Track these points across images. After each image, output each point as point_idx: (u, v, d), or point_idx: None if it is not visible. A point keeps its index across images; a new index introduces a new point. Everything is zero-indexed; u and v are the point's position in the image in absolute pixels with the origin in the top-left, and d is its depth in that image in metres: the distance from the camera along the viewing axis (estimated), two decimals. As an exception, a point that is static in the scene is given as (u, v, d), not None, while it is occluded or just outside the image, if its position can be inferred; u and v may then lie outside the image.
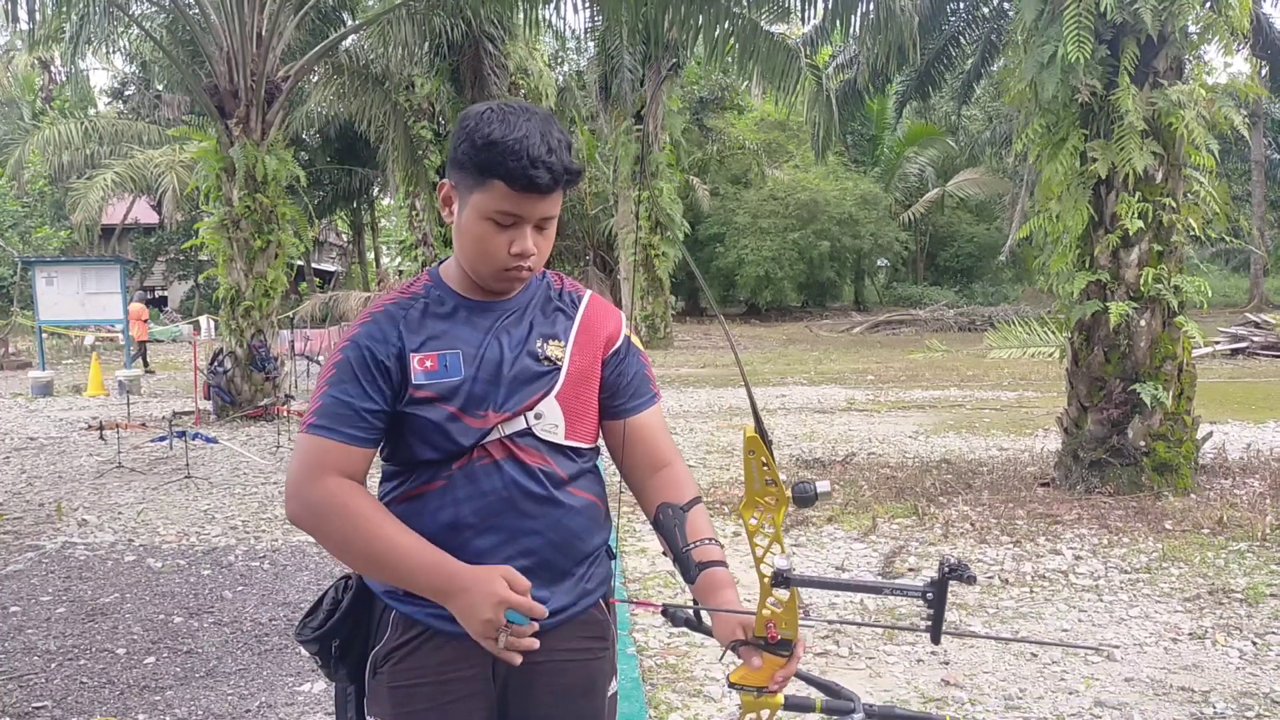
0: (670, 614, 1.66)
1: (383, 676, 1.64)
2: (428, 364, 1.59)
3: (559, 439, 1.64)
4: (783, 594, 1.46)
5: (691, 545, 1.61)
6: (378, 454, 1.66)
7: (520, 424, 1.61)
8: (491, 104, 1.60)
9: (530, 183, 1.53)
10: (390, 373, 1.58)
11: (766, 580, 1.45)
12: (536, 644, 1.49)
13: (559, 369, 1.65)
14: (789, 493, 1.44)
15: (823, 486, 1.46)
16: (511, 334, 1.64)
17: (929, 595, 1.45)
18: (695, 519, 1.65)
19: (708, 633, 1.61)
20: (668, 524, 1.63)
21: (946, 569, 1.41)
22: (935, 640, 1.46)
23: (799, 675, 1.55)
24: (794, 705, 1.52)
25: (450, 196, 1.63)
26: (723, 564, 1.61)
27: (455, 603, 1.49)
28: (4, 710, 3.72)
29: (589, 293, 1.77)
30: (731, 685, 1.51)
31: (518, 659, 1.49)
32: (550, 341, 1.66)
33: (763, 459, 1.42)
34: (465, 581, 1.49)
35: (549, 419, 1.63)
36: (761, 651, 1.49)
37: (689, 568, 1.59)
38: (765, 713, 1.51)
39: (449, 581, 1.50)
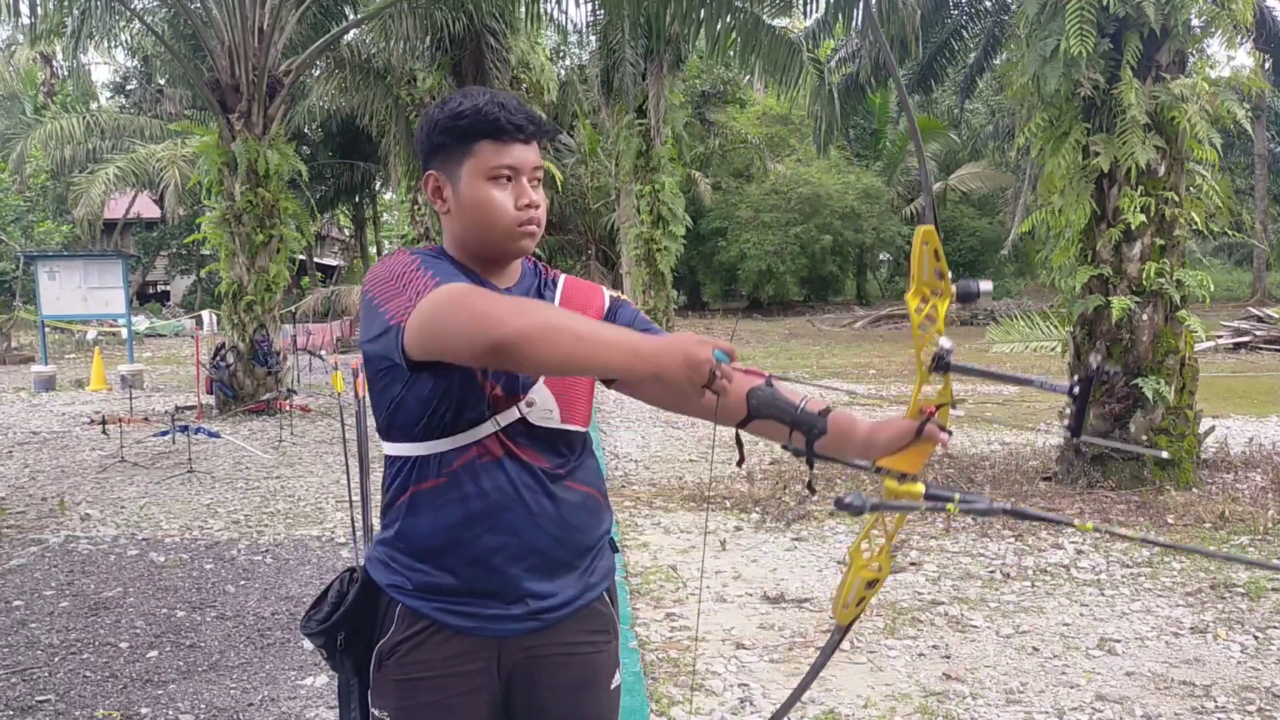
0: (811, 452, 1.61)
1: (388, 669, 1.64)
2: None
3: (555, 423, 1.64)
4: (938, 380, 1.51)
5: (800, 404, 1.59)
6: (382, 444, 1.67)
7: (514, 414, 1.61)
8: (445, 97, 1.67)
9: (514, 128, 1.60)
10: None
11: (924, 367, 1.50)
12: (730, 385, 1.47)
13: None
14: (954, 288, 1.49)
15: (985, 285, 1.50)
16: None
17: (1074, 391, 1.50)
18: (783, 388, 1.63)
19: (856, 464, 1.62)
20: (766, 400, 1.60)
21: (1093, 369, 1.48)
22: (1075, 435, 1.52)
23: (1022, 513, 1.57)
24: (933, 496, 1.56)
25: (440, 184, 1.65)
26: (831, 408, 1.61)
27: (670, 357, 1.44)
28: (7, 704, 3.73)
29: (564, 276, 1.78)
30: (877, 470, 1.56)
31: (729, 387, 1.47)
32: None
33: (935, 250, 1.45)
34: (672, 343, 1.46)
35: (541, 405, 1.63)
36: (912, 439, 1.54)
37: (811, 423, 1.57)
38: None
39: (655, 345, 1.46)
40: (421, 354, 1.49)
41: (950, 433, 1.58)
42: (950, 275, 1.47)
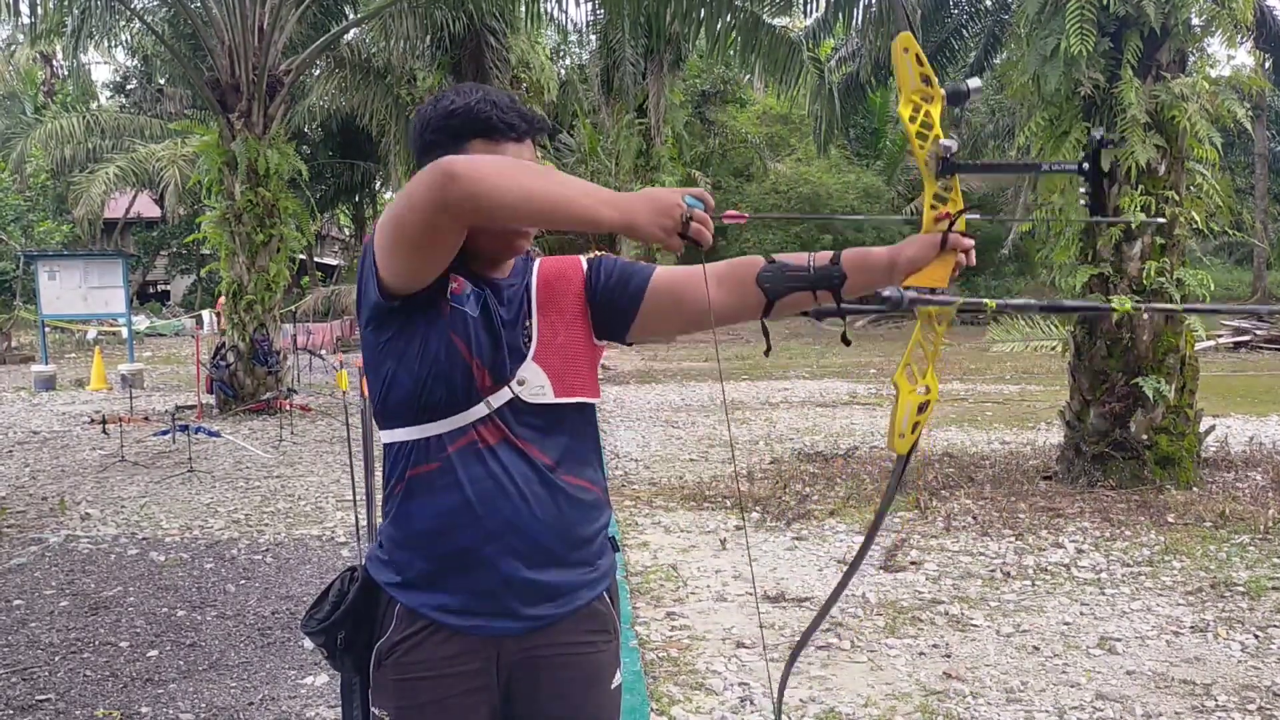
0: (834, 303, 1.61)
1: (387, 669, 1.64)
2: (454, 286, 1.60)
3: (549, 398, 1.63)
4: (945, 185, 1.50)
5: (810, 263, 1.59)
6: (379, 434, 1.67)
7: (506, 394, 1.61)
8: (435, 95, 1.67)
9: (506, 126, 1.59)
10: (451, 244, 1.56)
11: (930, 174, 1.48)
12: (710, 238, 1.48)
13: (531, 335, 1.65)
14: (943, 90, 1.48)
15: (974, 83, 1.51)
16: (508, 308, 1.65)
17: (1084, 167, 1.50)
18: (786, 257, 1.63)
19: (882, 298, 1.58)
20: (776, 276, 1.59)
21: (1096, 141, 1.46)
22: (1095, 211, 1.53)
23: None
24: (970, 300, 1.56)
25: None
26: (838, 253, 1.61)
27: (639, 208, 1.46)
28: (8, 703, 3.73)
29: (537, 259, 1.77)
30: (906, 288, 1.53)
31: (709, 237, 1.48)
32: (529, 318, 1.67)
33: (916, 56, 1.45)
34: (639, 195, 1.48)
35: (533, 382, 1.62)
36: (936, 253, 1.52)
37: (830, 275, 1.58)
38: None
39: (624, 197, 1.48)
40: (394, 260, 1.51)
41: (973, 238, 1.55)
42: (937, 79, 1.46)
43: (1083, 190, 1.57)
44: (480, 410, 1.59)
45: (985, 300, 1.55)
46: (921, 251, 1.56)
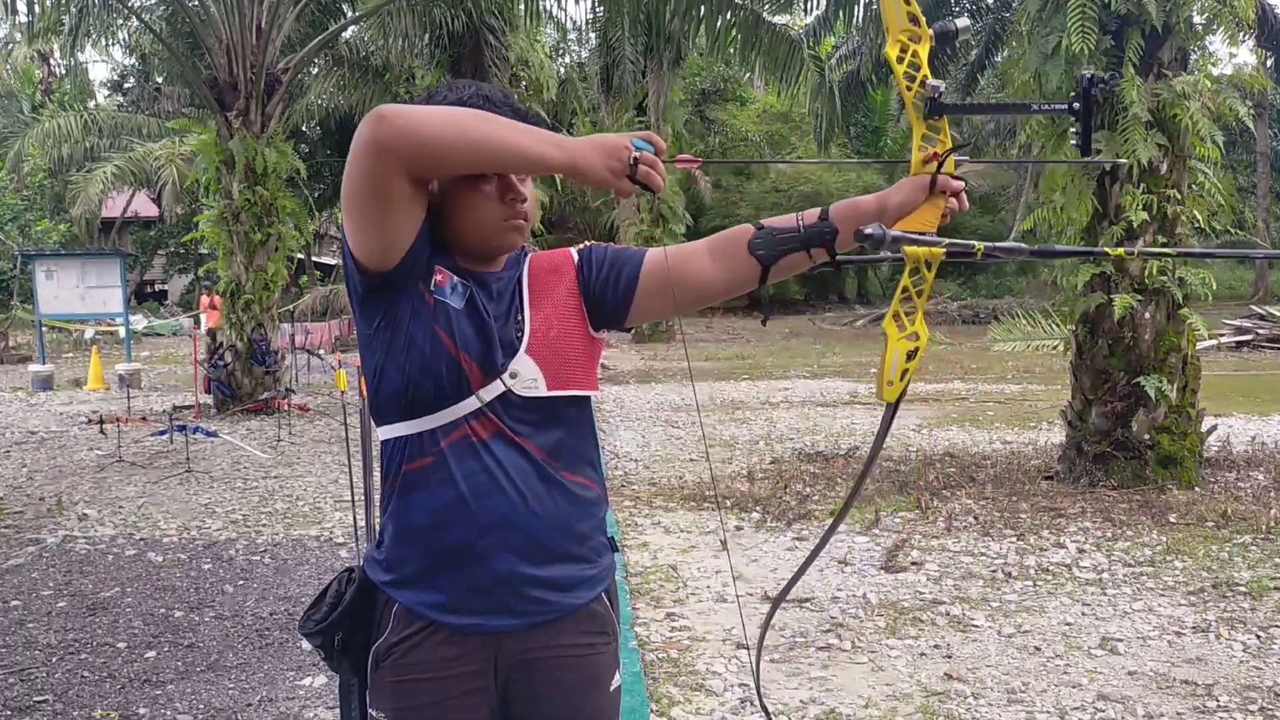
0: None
1: (384, 671, 1.63)
2: (438, 278, 1.59)
3: (541, 392, 1.61)
4: (935, 124, 1.48)
5: (799, 223, 1.58)
6: (376, 431, 1.65)
7: (498, 388, 1.58)
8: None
9: None
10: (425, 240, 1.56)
11: (918, 116, 1.46)
12: (662, 179, 1.49)
13: (524, 328, 1.63)
14: (931, 30, 1.47)
15: (963, 23, 1.49)
16: (498, 303, 1.63)
17: (1074, 106, 1.48)
18: (774, 220, 1.61)
19: (880, 242, 1.54)
20: (767, 240, 1.58)
21: (1087, 80, 1.44)
22: (1085, 153, 1.50)
23: None
24: (956, 254, 1.51)
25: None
26: (825, 208, 1.60)
27: (585, 149, 1.47)
28: (5, 704, 3.71)
29: (529, 254, 1.76)
30: (895, 239, 1.50)
31: (660, 180, 1.50)
32: (521, 312, 1.65)
33: None
34: (587, 139, 1.49)
35: (525, 375, 1.60)
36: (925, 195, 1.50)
37: (821, 231, 1.56)
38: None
39: (570, 140, 1.49)
40: (357, 232, 1.52)
41: (964, 181, 1.52)
42: (924, 19, 1.44)
43: (1072, 130, 1.53)
44: (471, 404, 1.57)
45: (973, 243, 1.50)
46: (910, 195, 1.54)
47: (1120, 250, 1.55)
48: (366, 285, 1.58)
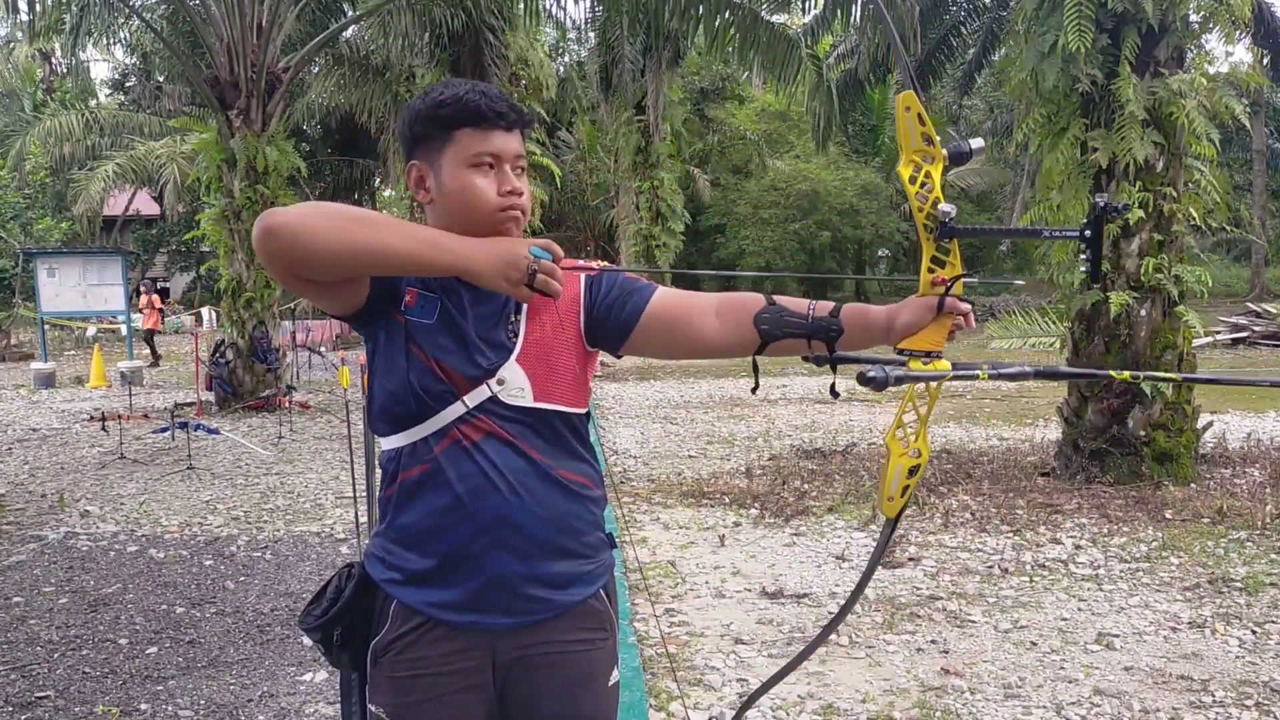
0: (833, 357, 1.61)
1: (383, 667, 1.65)
2: (407, 299, 1.63)
3: (527, 402, 1.62)
4: (945, 245, 1.50)
5: (810, 312, 1.60)
6: (378, 441, 1.69)
7: (484, 393, 1.60)
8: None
9: (495, 115, 1.60)
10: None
11: (930, 236, 1.48)
12: (560, 286, 1.53)
13: (518, 335, 1.64)
14: (945, 150, 1.47)
15: (977, 144, 1.49)
16: (488, 303, 1.64)
17: (1086, 234, 1.49)
18: (787, 301, 1.63)
19: (882, 355, 1.59)
20: (774, 319, 1.60)
21: (1099, 207, 1.46)
22: (1095, 280, 1.53)
23: None
24: (962, 370, 1.54)
25: (422, 174, 1.66)
26: (839, 305, 1.62)
27: (481, 254, 1.51)
28: (7, 700, 3.74)
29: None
30: (899, 351, 1.53)
31: (558, 287, 1.53)
32: (517, 314, 1.66)
33: (919, 114, 1.44)
34: (485, 242, 1.53)
35: (513, 384, 1.61)
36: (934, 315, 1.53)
37: (827, 327, 1.58)
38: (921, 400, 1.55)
39: (467, 242, 1.53)
40: (300, 293, 1.61)
41: (970, 303, 1.55)
42: (939, 140, 1.46)
43: (1083, 257, 1.55)
44: (457, 409, 1.60)
45: (979, 367, 1.55)
46: (918, 315, 1.57)
47: (1126, 374, 1.57)
48: (350, 323, 1.66)
